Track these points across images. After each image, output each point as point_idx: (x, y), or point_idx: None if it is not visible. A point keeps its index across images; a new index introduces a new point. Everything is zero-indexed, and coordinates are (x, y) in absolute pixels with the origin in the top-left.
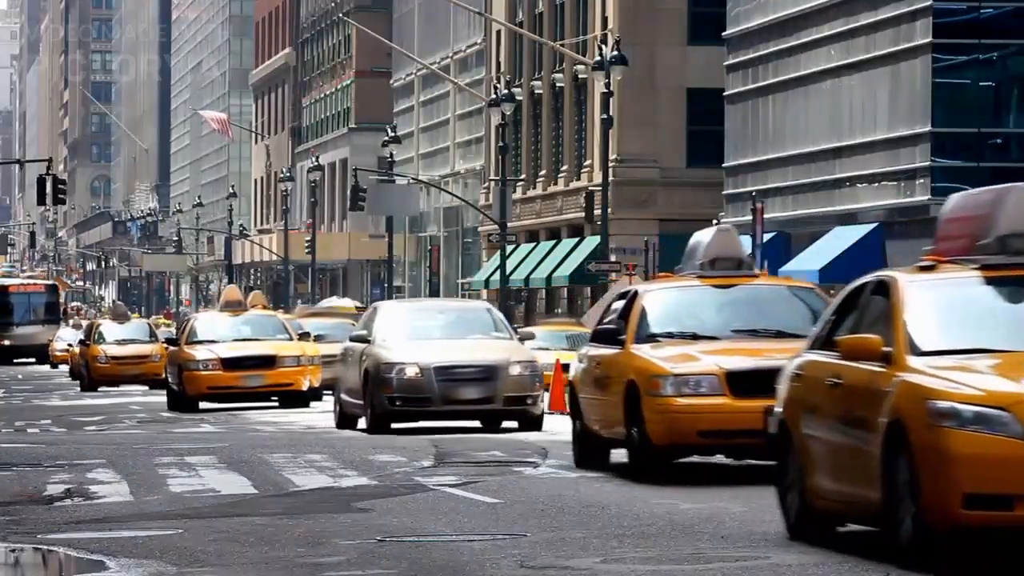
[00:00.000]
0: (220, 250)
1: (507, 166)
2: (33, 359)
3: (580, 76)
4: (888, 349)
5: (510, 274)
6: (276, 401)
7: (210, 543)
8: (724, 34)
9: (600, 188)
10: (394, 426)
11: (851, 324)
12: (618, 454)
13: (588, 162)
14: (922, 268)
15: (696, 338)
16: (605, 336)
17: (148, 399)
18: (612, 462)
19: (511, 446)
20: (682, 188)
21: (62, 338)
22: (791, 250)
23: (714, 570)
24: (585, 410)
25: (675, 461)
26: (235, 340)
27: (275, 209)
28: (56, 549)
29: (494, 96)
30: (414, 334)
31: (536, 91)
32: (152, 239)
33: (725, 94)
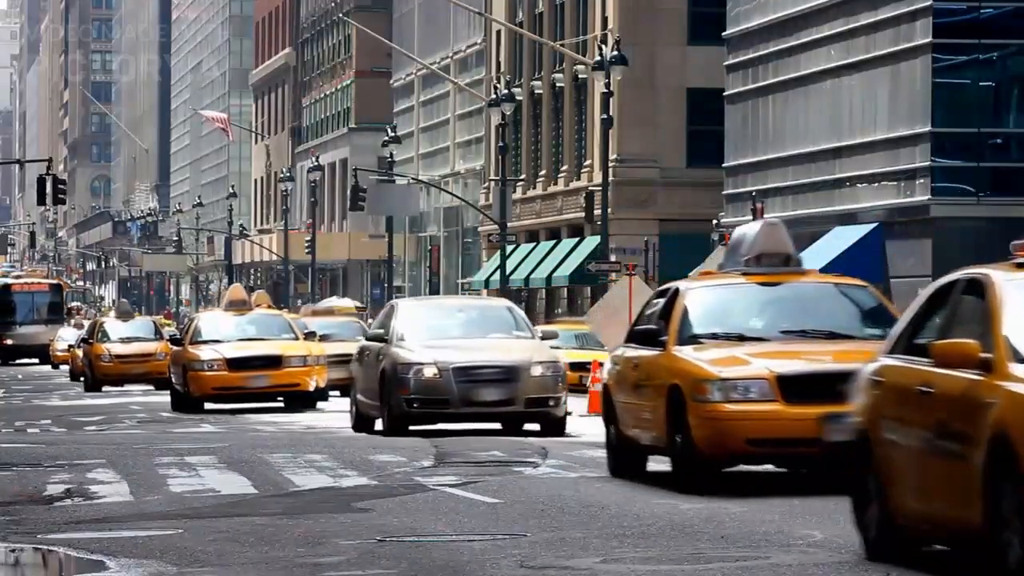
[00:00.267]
0: (220, 250)
1: (507, 166)
2: (36, 359)
3: (580, 76)
4: (987, 355)
5: (510, 274)
6: (281, 402)
7: (210, 543)
8: (724, 34)
9: (600, 188)
10: (412, 428)
11: (939, 326)
12: (656, 461)
13: (588, 162)
14: (1019, 265)
15: (742, 339)
16: (644, 337)
17: (148, 399)
18: (649, 470)
19: (511, 446)
20: (682, 188)
21: (63, 338)
22: None
23: (714, 570)
24: (621, 415)
25: (722, 471)
26: (240, 340)
27: (275, 209)
28: (56, 549)
29: (494, 96)
30: (433, 333)
31: (536, 91)
32: (152, 239)
33: (725, 94)
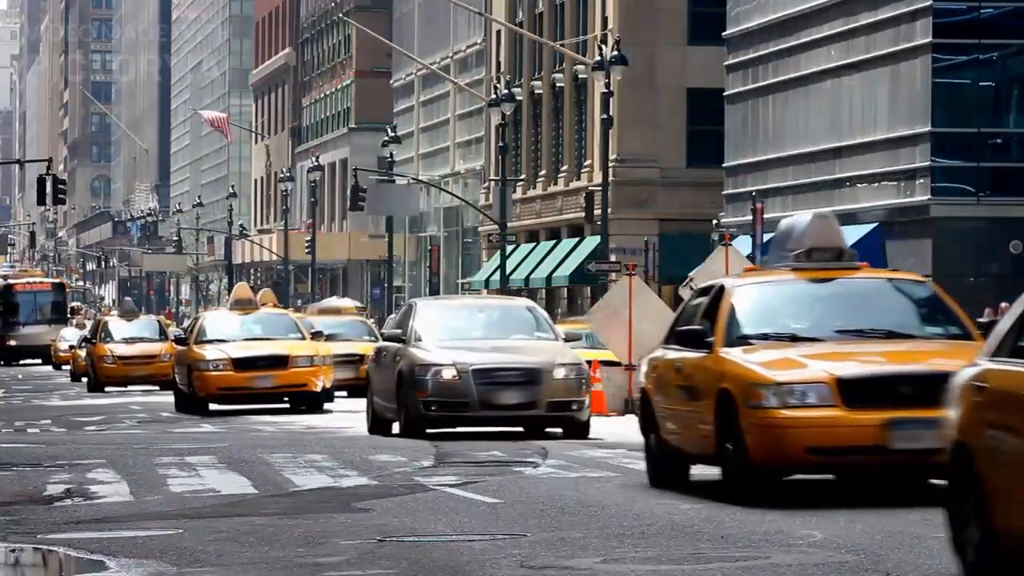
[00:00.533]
0: (220, 250)
1: (507, 166)
2: (39, 360)
3: (580, 76)
4: None
5: (510, 274)
6: (287, 402)
7: (210, 543)
8: (724, 34)
9: (600, 188)
10: (429, 432)
11: None
12: (699, 471)
13: (588, 162)
14: None
15: (794, 340)
16: (688, 338)
17: (149, 399)
18: (692, 480)
19: (511, 446)
20: (682, 188)
21: (65, 338)
22: None
23: (714, 570)
24: (662, 421)
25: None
26: (246, 339)
27: (275, 209)
28: (56, 549)
29: (494, 96)
30: (452, 334)
31: (536, 91)
32: (152, 239)
33: (725, 94)
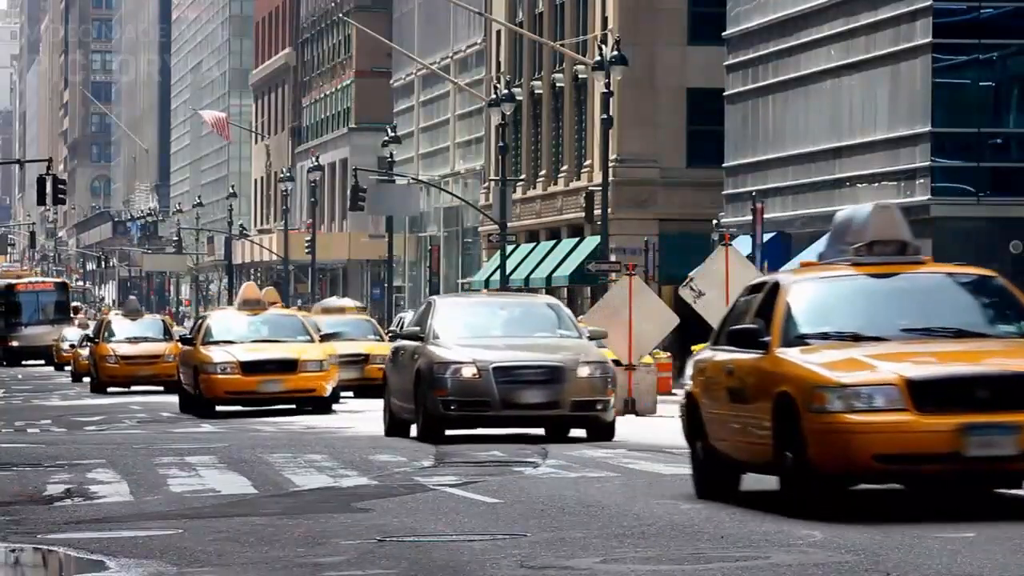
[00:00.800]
0: (220, 250)
1: (507, 166)
2: (42, 361)
3: (580, 76)
4: None
5: (510, 274)
6: (294, 406)
7: (210, 543)
8: (724, 34)
9: (600, 188)
10: (449, 433)
11: None
12: (751, 480)
13: (588, 162)
14: None
15: (857, 339)
16: (741, 337)
17: (149, 399)
18: (743, 490)
19: (511, 447)
20: (682, 188)
21: (68, 338)
22: (791, 250)
23: (714, 570)
24: (711, 428)
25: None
26: (254, 341)
27: (275, 209)
28: (56, 549)
29: (494, 96)
30: (472, 331)
31: (536, 91)
32: (152, 239)
33: (725, 94)
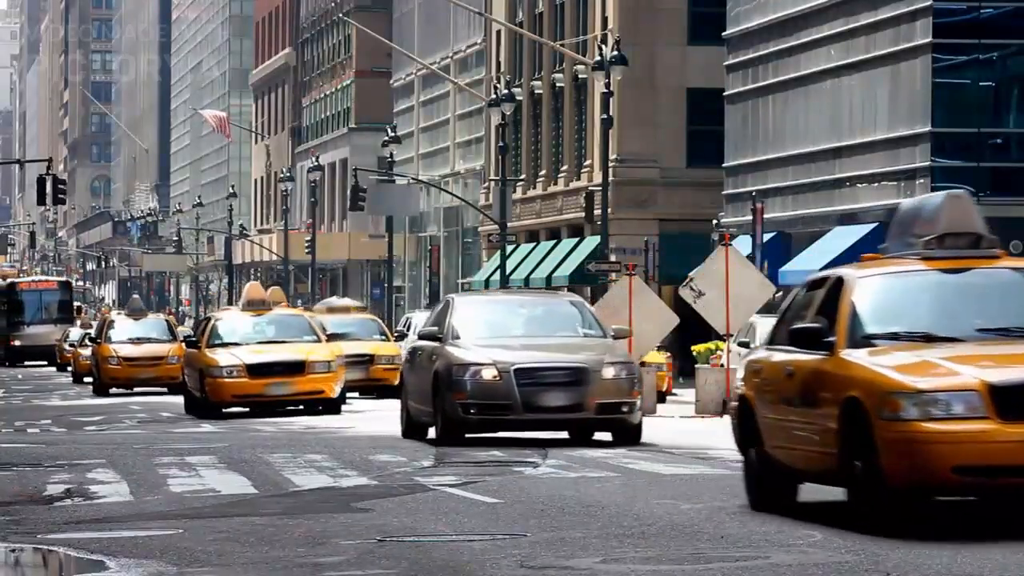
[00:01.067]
0: (220, 250)
1: (507, 166)
2: (45, 361)
3: (580, 76)
4: None
5: (510, 274)
6: (301, 408)
7: (210, 543)
8: (724, 34)
9: (600, 188)
10: (468, 437)
11: None
12: (808, 491)
13: (588, 162)
14: None
15: (929, 340)
16: (803, 337)
17: (149, 399)
18: (801, 501)
19: (511, 446)
20: (682, 188)
21: (71, 338)
22: (791, 250)
23: (714, 570)
24: (768, 434)
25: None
26: (260, 343)
27: (275, 209)
28: (56, 549)
29: (494, 96)
30: (492, 331)
31: (536, 91)
32: (152, 239)
33: (725, 94)
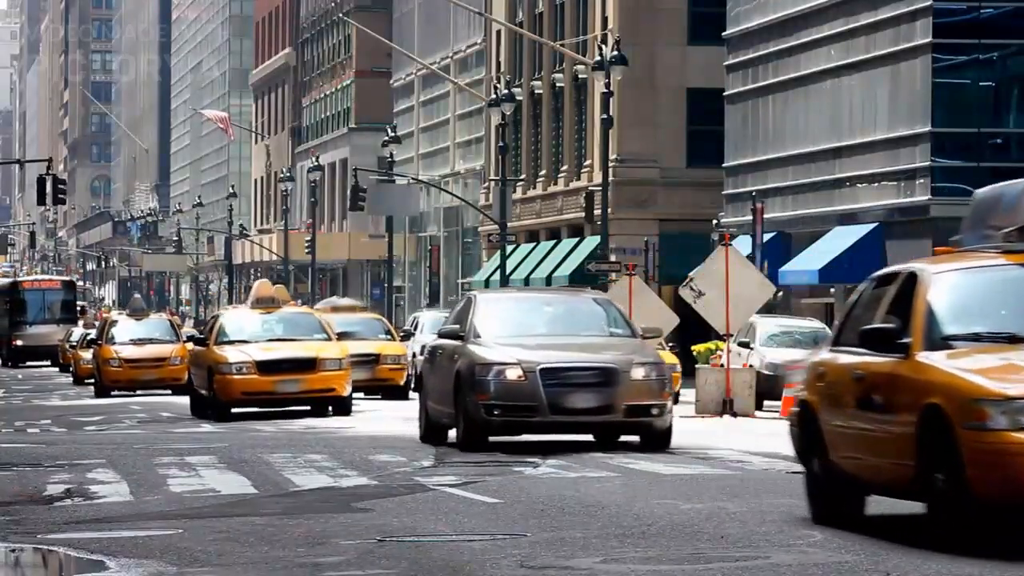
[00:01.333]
0: (220, 250)
1: (507, 166)
2: (47, 361)
3: (580, 76)
4: None
5: (510, 274)
6: (309, 407)
7: (210, 543)
8: (724, 34)
9: (600, 188)
10: (492, 440)
11: None
12: (876, 503)
13: (588, 162)
14: None
15: (1014, 341)
16: (875, 338)
17: (149, 399)
18: (868, 514)
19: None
20: (682, 188)
21: (73, 339)
22: (791, 250)
23: (714, 570)
24: (833, 442)
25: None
26: (269, 340)
27: (275, 209)
28: (56, 549)
29: (494, 96)
30: (517, 330)
31: (536, 91)
32: (152, 239)
33: (725, 94)
